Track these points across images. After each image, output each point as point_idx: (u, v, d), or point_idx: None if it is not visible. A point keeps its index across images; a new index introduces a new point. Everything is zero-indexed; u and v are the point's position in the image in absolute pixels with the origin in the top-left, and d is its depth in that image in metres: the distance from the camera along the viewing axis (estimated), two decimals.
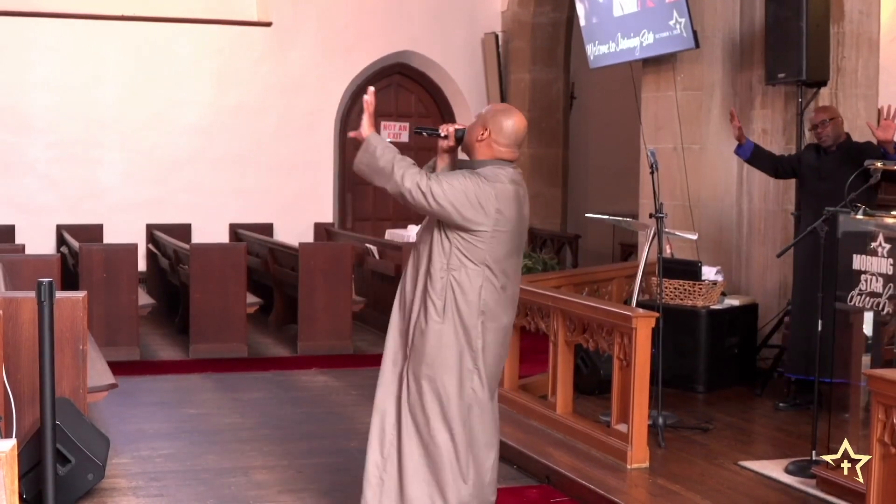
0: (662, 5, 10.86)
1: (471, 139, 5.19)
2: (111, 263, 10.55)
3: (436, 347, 5.13)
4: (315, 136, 15.41)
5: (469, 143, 5.20)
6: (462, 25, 15.97)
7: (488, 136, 5.14)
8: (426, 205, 5.01)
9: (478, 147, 5.17)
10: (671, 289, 9.12)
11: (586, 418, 7.69)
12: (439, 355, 5.13)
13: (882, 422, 5.13)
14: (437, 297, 5.11)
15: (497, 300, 5.18)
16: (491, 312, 5.16)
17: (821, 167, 8.41)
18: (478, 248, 5.06)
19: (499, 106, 5.35)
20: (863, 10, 9.61)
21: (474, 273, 5.09)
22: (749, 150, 8.84)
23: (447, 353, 5.13)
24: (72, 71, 14.53)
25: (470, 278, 5.09)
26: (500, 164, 5.14)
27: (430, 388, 5.16)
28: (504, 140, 5.15)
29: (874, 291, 6.22)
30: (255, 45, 15.14)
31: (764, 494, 6.46)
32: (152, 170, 14.85)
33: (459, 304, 5.10)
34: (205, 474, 7.06)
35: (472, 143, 5.19)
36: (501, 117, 5.17)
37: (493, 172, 5.08)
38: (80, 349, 6.62)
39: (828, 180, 8.19)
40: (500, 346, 5.28)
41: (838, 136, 8.36)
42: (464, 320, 5.11)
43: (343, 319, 11.19)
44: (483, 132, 5.15)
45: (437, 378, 5.14)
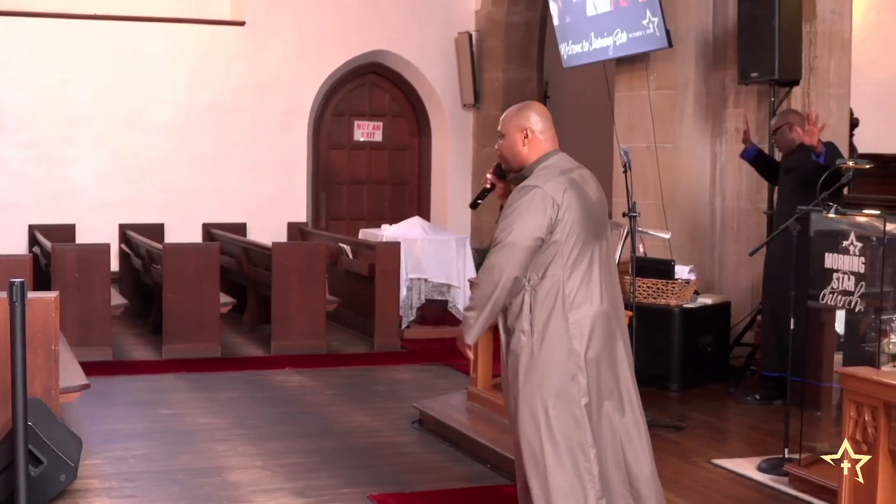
0: (636, 5, 10.87)
1: (516, 152, 5.16)
2: (84, 263, 10.50)
3: (527, 363, 4.97)
4: (289, 136, 15.38)
5: (516, 157, 5.16)
6: (436, 25, 15.97)
7: (530, 135, 5.14)
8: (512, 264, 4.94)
9: (525, 151, 5.14)
10: (644, 288, 9.14)
11: None
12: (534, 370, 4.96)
13: (854, 420, 5.14)
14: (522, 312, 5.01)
15: (586, 290, 5.02)
16: (579, 306, 5.00)
17: (786, 168, 8.66)
18: (550, 257, 4.98)
19: (514, 108, 5.31)
20: (835, 9, 9.65)
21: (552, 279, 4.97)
22: (752, 154, 8.98)
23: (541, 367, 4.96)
24: (45, 70, 14.46)
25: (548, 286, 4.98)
26: (548, 157, 5.12)
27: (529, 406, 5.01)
28: (541, 128, 5.16)
29: (846, 290, 6.24)
30: (228, 45, 15.10)
31: (737, 492, 6.48)
32: (125, 169, 14.80)
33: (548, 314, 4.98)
34: (178, 475, 7.05)
35: (518, 154, 5.15)
36: (527, 112, 5.20)
37: (544, 173, 5.05)
38: (52, 349, 6.59)
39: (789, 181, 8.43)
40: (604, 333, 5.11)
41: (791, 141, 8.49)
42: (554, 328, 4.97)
43: (317, 319, 11.17)
44: (523, 136, 5.13)
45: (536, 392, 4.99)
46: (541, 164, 5.10)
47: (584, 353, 5.00)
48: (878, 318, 5.89)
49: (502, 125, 5.24)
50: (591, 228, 5.06)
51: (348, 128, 16.10)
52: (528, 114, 5.19)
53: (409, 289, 11.88)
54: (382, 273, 11.39)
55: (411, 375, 10.31)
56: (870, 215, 6.27)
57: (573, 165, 5.16)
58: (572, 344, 4.97)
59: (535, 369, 4.97)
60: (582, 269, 5.02)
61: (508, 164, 5.23)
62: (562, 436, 4.94)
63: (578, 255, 5.01)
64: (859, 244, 6.18)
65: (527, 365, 4.98)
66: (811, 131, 7.82)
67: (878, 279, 5.98)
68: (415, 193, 16.39)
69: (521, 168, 5.18)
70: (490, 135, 15.78)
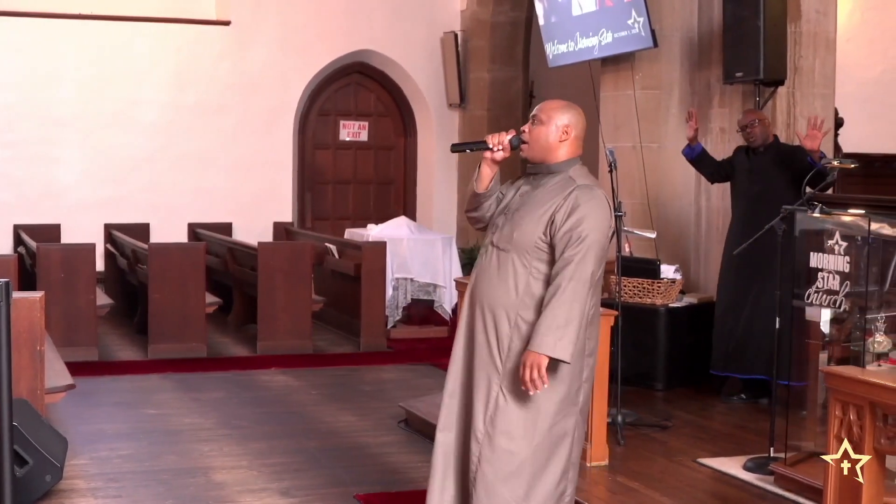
0: (621, 4, 10.89)
1: (549, 142, 4.95)
2: (69, 263, 10.48)
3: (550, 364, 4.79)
4: (274, 136, 15.37)
5: (546, 147, 4.96)
6: (421, 24, 15.96)
7: (572, 136, 4.98)
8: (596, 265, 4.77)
9: (560, 147, 4.96)
10: (630, 287, 9.16)
11: None
12: (555, 374, 4.77)
13: (839, 418, 5.16)
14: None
15: (599, 306, 4.99)
16: (595, 320, 4.95)
17: (752, 168, 8.61)
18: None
19: (559, 103, 5.10)
20: (820, 9, 9.68)
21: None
22: (697, 152, 8.99)
23: (562, 371, 4.79)
24: (29, 69, 14.42)
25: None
26: (578, 160, 5.00)
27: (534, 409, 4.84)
28: (581, 134, 5.02)
29: (831, 289, 6.26)
30: (213, 44, 15.08)
31: (723, 491, 6.50)
32: (110, 169, 14.77)
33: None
34: (164, 475, 7.03)
35: (550, 145, 4.95)
36: (574, 113, 5.03)
37: (588, 175, 4.96)
38: (37, 350, 6.58)
39: (759, 182, 8.44)
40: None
41: (766, 136, 8.61)
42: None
43: (303, 319, 11.16)
44: (565, 132, 4.96)
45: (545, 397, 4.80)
46: (573, 166, 4.96)
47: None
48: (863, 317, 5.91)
49: (546, 113, 5.00)
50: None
51: (334, 127, 16.09)
52: (578, 117, 5.02)
53: (395, 288, 11.87)
54: (368, 273, 11.38)
55: (397, 375, 10.30)
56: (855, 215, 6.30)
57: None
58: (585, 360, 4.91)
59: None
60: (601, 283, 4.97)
61: (531, 148, 5.00)
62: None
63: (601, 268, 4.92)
64: (844, 243, 6.20)
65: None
66: (814, 136, 7.86)
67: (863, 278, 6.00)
68: (400, 193, 16.39)
69: (542, 160, 4.99)
70: (476, 134, 15.78)
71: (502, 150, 4.96)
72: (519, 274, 4.86)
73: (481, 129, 15.71)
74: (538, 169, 5.01)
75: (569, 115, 4.99)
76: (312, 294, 11.29)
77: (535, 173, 5.03)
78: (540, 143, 4.97)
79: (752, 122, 8.59)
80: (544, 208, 4.85)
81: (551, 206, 4.83)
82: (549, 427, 4.84)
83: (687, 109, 10.57)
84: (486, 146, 4.98)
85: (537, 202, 4.89)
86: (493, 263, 4.96)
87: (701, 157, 9.04)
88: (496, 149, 4.96)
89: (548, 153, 4.98)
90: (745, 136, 8.67)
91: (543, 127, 4.97)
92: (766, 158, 8.53)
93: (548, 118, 4.98)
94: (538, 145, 4.98)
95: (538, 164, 5.01)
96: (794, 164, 8.15)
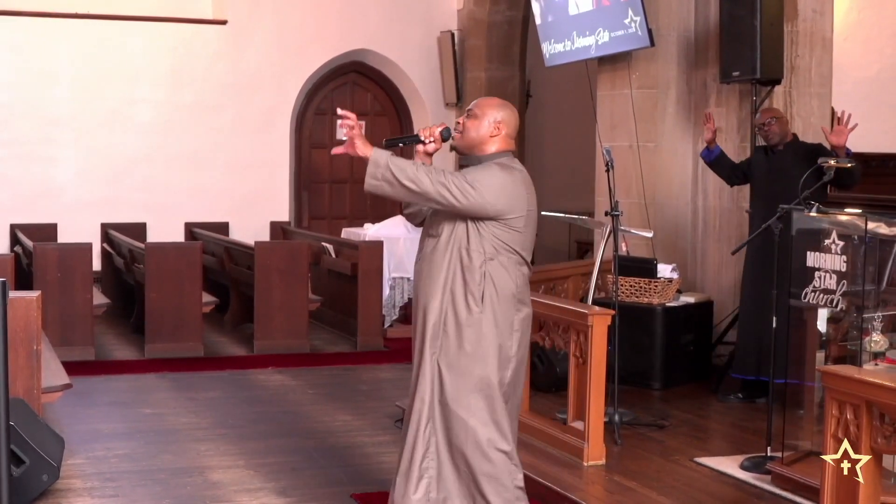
0: (617, 4, 10.88)
1: (480, 135, 5.21)
2: (65, 263, 10.48)
3: (475, 339, 5.11)
4: (271, 135, 15.35)
5: (477, 139, 5.22)
6: (418, 24, 15.96)
7: (505, 132, 5.22)
8: (463, 203, 5.02)
9: (490, 142, 5.22)
10: (627, 286, 9.16)
11: (542, 416, 7.70)
12: (480, 347, 5.11)
13: (836, 418, 5.16)
14: (475, 286, 5.09)
15: (528, 287, 5.25)
16: (524, 300, 5.21)
17: (771, 168, 8.55)
18: (515, 237, 5.10)
19: (494, 100, 5.37)
20: (816, 8, 9.68)
21: (510, 262, 5.12)
22: (715, 154, 8.96)
23: (487, 343, 5.11)
24: (25, 68, 14.40)
25: (506, 267, 5.11)
26: (509, 155, 5.24)
27: (471, 381, 5.13)
28: (512, 132, 5.27)
29: (828, 288, 6.26)
30: (210, 44, 15.06)
31: (719, 490, 6.50)
32: (107, 168, 14.75)
33: (500, 293, 5.10)
34: (161, 474, 7.03)
35: (481, 139, 5.22)
36: (508, 111, 5.28)
37: (511, 162, 5.18)
38: (34, 349, 6.57)
39: (779, 181, 8.32)
40: (529, 335, 5.32)
41: (784, 134, 8.54)
42: (504, 309, 5.11)
43: (299, 318, 11.16)
44: (497, 128, 5.21)
45: (478, 370, 5.11)
46: (503, 157, 5.21)
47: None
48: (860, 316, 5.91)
49: (481, 108, 5.27)
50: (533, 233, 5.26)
51: (330, 127, 16.08)
52: (512, 116, 5.28)
53: (391, 288, 11.88)
54: (365, 272, 11.38)
55: (394, 374, 10.30)
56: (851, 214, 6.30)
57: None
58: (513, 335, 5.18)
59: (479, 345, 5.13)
60: (529, 267, 5.23)
61: (463, 140, 5.27)
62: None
63: (529, 251, 5.21)
64: (841, 243, 6.20)
65: (474, 339, 5.11)
66: (840, 132, 7.76)
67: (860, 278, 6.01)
68: None
69: (471, 151, 5.26)
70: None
71: (433, 141, 5.24)
72: (452, 258, 5.16)
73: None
74: (468, 161, 5.29)
75: (503, 113, 5.26)
76: (309, 293, 11.29)
77: (466, 165, 5.28)
78: (471, 135, 5.24)
79: (768, 120, 8.55)
80: None
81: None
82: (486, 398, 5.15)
83: (684, 109, 10.60)
84: (419, 139, 5.26)
85: None
86: (428, 251, 5.26)
87: (719, 159, 9.00)
88: (427, 141, 5.24)
89: (478, 145, 5.25)
90: (762, 134, 8.64)
91: (477, 121, 5.24)
92: (786, 157, 8.45)
93: (482, 113, 5.25)
94: (469, 137, 5.24)
95: (469, 156, 5.28)
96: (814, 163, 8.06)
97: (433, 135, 5.24)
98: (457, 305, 5.14)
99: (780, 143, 8.53)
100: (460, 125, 5.28)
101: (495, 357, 5.12)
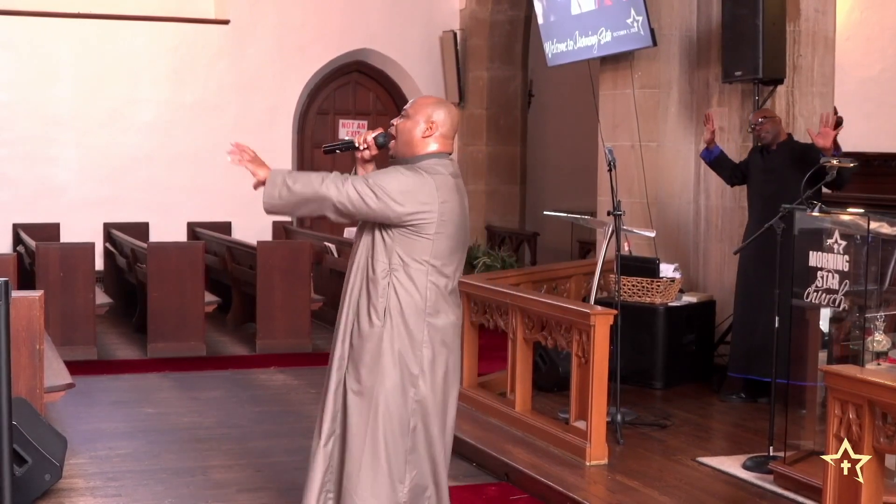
0: (620, 3, 10.88)
1: (412, 137, 4.97)
2: (68, 262, 10.48)
3: (375, 353, 4.89)
4: (273, 135, 15.35)
5: (409, 141, 4.98)
6: (420, 23, 15.96)
7: (435, 131, 4.98)
8: (365, 209, 4.80)
9: (421, 143, 4.97)
10: (629, 286, 9.16)
11: (545, 415, 7.71)
12: (379, 361, 4.88)
13: (838, 417, 5.16)
14: (378, 298, 4.89)
15: (444, 298, 4.95)
16: (438, 312, 4.93)
17: (765, 168, 8.58)
18: (422, 246, 4.84)
19: (430, 99, 5.15)
20: (819, 8, 9.67)
21: (418, 272, 4.87)
22: (715, 154, 8.97)
23: (386, 358, 4.87)
24: (26, 68, 14.41)
25: (413, 278, 4.87)
26: (441, 156, 4.98)
27: (367, 398, 4.90)
28: (448, 132, 5.02)
29: (830, 288, 6.26)
30: (212, 43, 15.07)
31: (721, 490, 6.50)
32: (108, 168, 14.76)
33: (403, 306, 4.87)
34: (162, 474, 7.04)
35: (413, 140, 4.97)
36: (443, 110, 5.03)
37: (433, 166, 4.92)
38: (36, 349, 6.58)
39: (773, 181, 8.37)
40: (453, 345, 5.04)
41: (777, 134, 8.57)
42: (407, 323, 4.87)
43: (301, 318, 11.16)
44: (429, 128, 4.97)
45: (376, 385, 4.88)
46: (430, 159, 4.95)
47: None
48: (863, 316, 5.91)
49: (413, 108, 5.05)
50: (462, 239, 5.02)
51: (333, 126, 16.08)
52: (445, 113, 5.03)
53: None
54: None
55: None
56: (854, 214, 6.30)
57: (458, 172, 5.06)
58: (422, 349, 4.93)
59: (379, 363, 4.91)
60: (445, 277, 4.95)
61: (397, 144, 5.04)
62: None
63: (447, 260, 4.94)
64: (843, 242, 6.20)
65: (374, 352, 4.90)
66: (826, 133, 7.76)
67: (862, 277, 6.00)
68: None
69: (405, 154, 5.01)
70: (475, 134, 15.79)
71: (368, 148, 5.07)
72: (360, 270, 5.01)
73: (480, 127, 15.72)
74: (399, 161, 5.04)
75: (437, 112, 5.01)
76: (311, 293, 11.29)
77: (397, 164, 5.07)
78: (404, 138, 5.01)
79: (759, 120, 8.56)
80: None
81: None
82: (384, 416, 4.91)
83: (686, 108, 10.59)
84: (354, 145, 5.09)
85: None
86: (350, 263, 5.09)
87: (719, 159, 9.00)
88: (362, 147, 5.07)
89: (412, 147, 5.00)
90: (754, 134, 8.65)
91: (409, 121, 5.02)
92: (781, 157, 8.48)
93: (415, 112, 5.03)
94: (403, 139, 5.02)
95: (401, 158, 5.03)
96: (808, 162, 8.07)
97: (367, 141, 5.05)
98: (360, 319, 4.95)
99: (774, 143, 8.56)
100: (394, 127, 5.06)
101: (397, 372, 4.88)
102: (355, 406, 4.95)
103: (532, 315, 7.60)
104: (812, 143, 8.27)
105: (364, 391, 4.92)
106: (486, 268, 13.20)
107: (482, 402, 8.18)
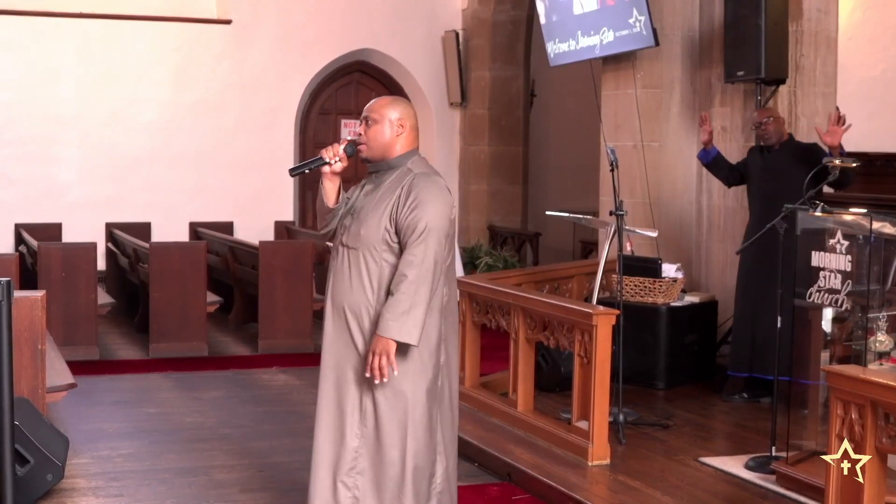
0: (622, 3, 10.88)
1: (385, 139, 5.09)
2: (70, 262, 10.48)
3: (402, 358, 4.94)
4: (275, 134, 15.37)
5: (384, 144, 5.09)
6: (422, 23, 15.97)
7: (407, 128, 5.12)
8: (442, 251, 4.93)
9: (396, 143, 5.10)
10: (631, 286, 9.15)
11: (547, 415, 7.70)
12: (410, 365, 4.96)
13: (840, 418, 5.16)
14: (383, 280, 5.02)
15: (452, 297, 5.13)
16: (448, 310, 5.09)
17: (766, 167, 8.57)
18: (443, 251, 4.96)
19: (386, 99, 5.29)
20: (821, 7, 9.67)
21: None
22: (712, 155, 8.95)
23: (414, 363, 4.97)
24: (29, 68, 14.43)
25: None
26: (415, 152, 5.15)
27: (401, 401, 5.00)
28: (415, 124, 5.17)
29: (833, 288, 6.26)
30: (214, 43, 15.08)
31: (724, 490, 6.49)
32: (111, 168, 14.77)
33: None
34: (165, 474, 7.03)
35: (387, 142, 5.09)
36: (403, 106, 5.19)
37: (424, 164, 5.11)
38: (38, 349, 6.58)
39: (774, 180, 8.37)
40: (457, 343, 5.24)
41: (780, 134, 8.56)
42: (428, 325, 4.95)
43: (303, 318, 11.16)
44: (400, 126, 5.10)
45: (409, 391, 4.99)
46: (412, 158, 5.10)
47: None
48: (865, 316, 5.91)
49: (377, 112, 5.15)
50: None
51: (335, 126, 16.09)
52: (408, 109, 5.19)
53: None
54: None
55: None
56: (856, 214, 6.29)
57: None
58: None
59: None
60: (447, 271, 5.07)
61: (370, 149, 5.12)
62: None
63: (449, 254, 5.06)
64: (846, 242, 6.20)
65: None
66: (834, 132, 7.73)
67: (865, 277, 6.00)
68: None
69: (381, 157, 5.12)
70: (477, 134, 15.80)
71: (339, 160, 5.13)
72: (371, 270, 5.05)
73: (482, 127, 15.72)
74: (378, 167, 5.15)
75: (399, 109, 5.15)
76: (313, 293, 11.29)
77: (377, 171, 5.17)
78: (377, 142, 5.11)
79: (764, 119, 8.55)
80: (386, 202, 5.00)
81: (392, 198, 4.98)
82: (422, 416, 5.01)
83: (688, 108, 10.59)
84: (324, 161, 5.14)
85: (380, 197, 5.04)
86: (346, 264, 5.19)
87: (716, 160, 8.99)
88: (333, 161, 5.13)
89: (386, 150, 5.11)
90: (758, 133, 8.64)
91: (378, 125, 5.13)
92: (782, 157, 8.47)
93: (380, 116, 5.14)
94: (376, 144, 5.12)
95: (378, 161, 5.13)
96: (809, 162, 8.06)
97: (337, 154, 5.12)
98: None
99: (776, 143, 8.55)
100: (362, 136, 5.15)
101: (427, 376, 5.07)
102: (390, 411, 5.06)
103: (534, 315, 7.60)
104: (814, 144, 8.29)
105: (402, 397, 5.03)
106: (488, 268, 13.20)
107: (484, 402, 8.18)
